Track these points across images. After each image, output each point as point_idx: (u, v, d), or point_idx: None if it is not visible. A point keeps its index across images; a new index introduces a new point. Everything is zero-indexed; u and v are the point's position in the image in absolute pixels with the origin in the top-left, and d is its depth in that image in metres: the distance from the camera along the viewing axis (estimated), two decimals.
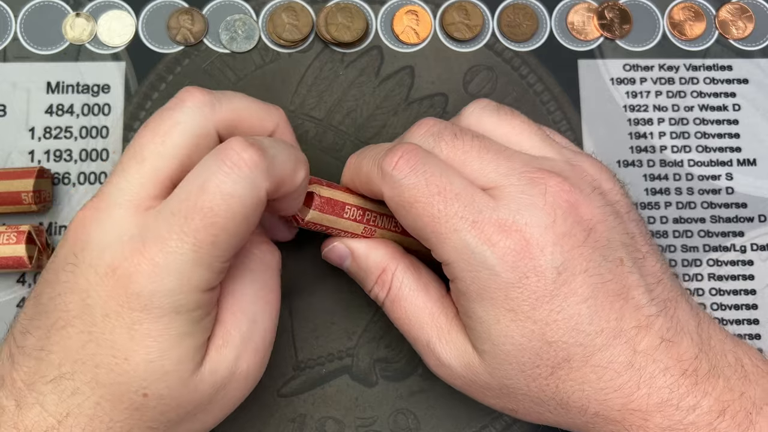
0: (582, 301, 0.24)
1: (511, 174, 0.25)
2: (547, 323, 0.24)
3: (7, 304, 0.31)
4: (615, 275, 0.24)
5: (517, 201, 0.24)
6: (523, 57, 0.34)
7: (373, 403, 0.31)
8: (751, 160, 0.34)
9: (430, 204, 0.24)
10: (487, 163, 0.25)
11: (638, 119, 0.34)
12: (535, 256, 0.23)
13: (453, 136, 0.26)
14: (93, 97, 0.33)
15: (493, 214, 0.24)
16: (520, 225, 0.24)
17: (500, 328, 0.24)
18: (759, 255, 0.33)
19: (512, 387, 0.25)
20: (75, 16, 0.34)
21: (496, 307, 0.24)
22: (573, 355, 0.24)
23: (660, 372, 0.24)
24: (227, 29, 0.34)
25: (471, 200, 0.24)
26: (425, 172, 0.25)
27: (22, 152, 0.32)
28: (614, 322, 0.24)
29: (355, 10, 0.34)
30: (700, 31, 0.35)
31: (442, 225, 0.24)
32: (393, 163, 0.25)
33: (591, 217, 0.24)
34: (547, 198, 0.24)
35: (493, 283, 0.24)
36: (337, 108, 0.33)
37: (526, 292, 0.24)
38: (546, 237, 0.24)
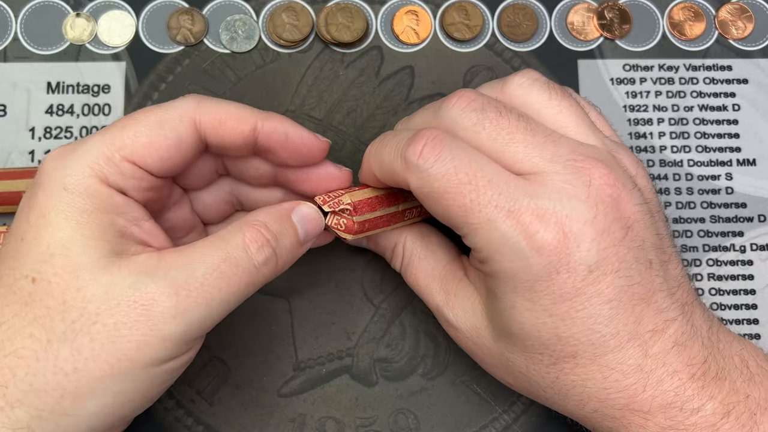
0: (605, 302, 0.23)
1: (556, 161, 0.24)
2: (563, 319, 0.23)
3: None
4: (643, 278, 0.23)
5: (559, 190, 0.23)
6: (523, 57, 0.34)
7: (373, 403, 0.31)
8: (750, 160, 0.34)
9: (461, 194, 0.23)
10: (532, 148, 0.24)
11: (638, 119, 0.34)
12: (570, 251, 0.23)
13: (498, 113, 0.24)
14: (93, 97, 0.33)
15: (531, 203, 0.23)
16: (560, 217, 0.23)
17: (515, 312, 0.24)
18: (759, 255, 0.33)
19: (512, 362, 0.25)
20: (75, 17, 0.34)
21: (516, 295, 0.23)
22: (581, 352, 0.23)
23: (668, 375, 0.23)
24: (227, 29, 0.34)
25: (506, 187, 0.23)
26: (452, 160, 0.23)
27: (22, 152, 0.32)
28: (632, 325, 0.23)
29: (355, 10, 0.34)
30: (699, 31, 0.35)
31: (475, 215, 0.23)
32: (417, 153, 0.23)
33: (630, 215, 0.24)
34: (591, 191, 0.23)
35: (522, 273, 0.23)
36: (337, 108, 0.33)
37: (551, 287, 0.23)
38: (585, 232, 0.23)
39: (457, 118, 0.25)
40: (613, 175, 0.24)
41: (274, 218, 0.25)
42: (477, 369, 0.27)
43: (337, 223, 0.26)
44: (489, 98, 0.25)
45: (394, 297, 0.32)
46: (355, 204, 0.27)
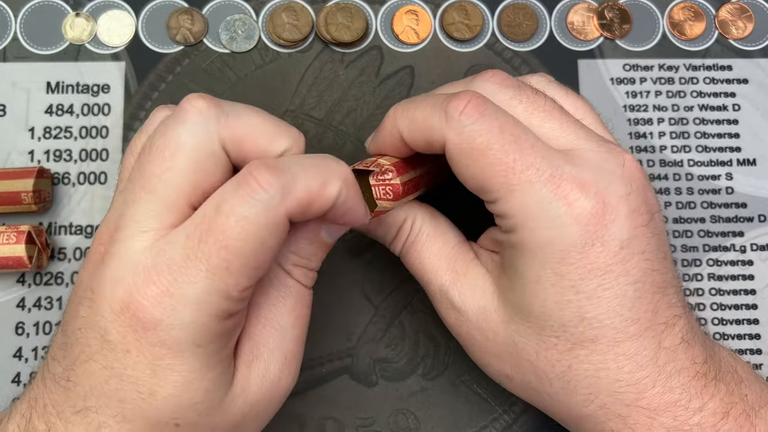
0: (631, 283, 0.23)
1: (590, 139, 0.24)
2: (589, 297, 0.23)
3: (6, 304, 0.31)
4: (662, 267, 0.24)
5: (594, 162, 0.23)
6: (523, 57, 0.34)
7: (373, 403, 0.31)
8: (751, 160, 0.34)
9: (505, 152, 0.23)
10: (567, 126, 0.24)
11: (638, 119, 0.34)
12: (607, 224, 0.22)
13: (533, 92, 0.25)
14: (93, 97, 0.33)
15: (572, 170, 0.23)
16: (600, 188, 0.23)
17: (538, 288, 0.23)
18: (759, 255, 0.33)
19: (521, 348, 0.24)
20: (75, 16, 0.34)
21: (544, 267, 0.23)
22: (602, 336, 0.23)
23: (676, 372, 0.23)
24: (227, 29, 0.34)
25: (548, 153, 0.23)
26: (497, 119, 0.23)
27: (21, 152, 0.32)
28: (650, 313, 0.23)
29: (355, 9, 0.34)
30: (699, 31, 0.35)
31: (516, 175, 0.23)
32: (460, 108, 0.23)
33: (653, 203, 0.24)
34: (625, 170, 0.23)
35: (556, 243, 0.23)
36: (337, 108, 0.33)
37: (584, 260, 0.23)
38: (621, 207, 0.23)
39: (493, 90, 0.25)
40: (638, 163, 0.24)
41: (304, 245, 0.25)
42: (477, 369, 0.27)
43: (385, 193, 0.25)
44: (522, 80, 0.25)
45: (394, 297, 0.32)
46: (394, 164, 0.26)
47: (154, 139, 0.23)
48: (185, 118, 0.22)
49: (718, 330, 0.32)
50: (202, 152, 0.22)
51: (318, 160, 0.22)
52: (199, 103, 0.22)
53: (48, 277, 0.32)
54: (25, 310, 0.31)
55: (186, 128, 0.22)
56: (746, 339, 0.32)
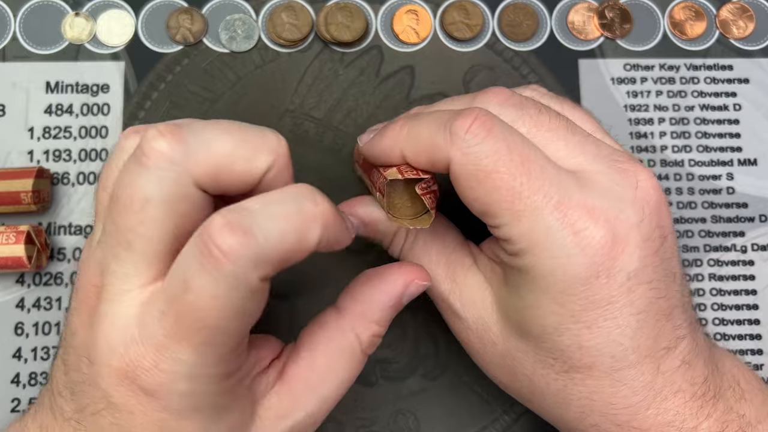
0: (635, 313, 0.22)
1: (600, 160, 0.22)
2: (589, 327, 0.22)
3: (6, 304, 0.31)
4: (668, 292, 0.23)
5: (605, 188, 0.22)
6: (523, 57, 0.34)
7: (373, 404, 0.31)
8: (752, 160, 0.33)
9: (512, 175, 0.21)
10: (573, 146, 0.23)
11: (639, 119, 0.34)
12: (616, 256, 0.21)
13: (537, 110, 0.23)
14: (92, 96, 0.33)
15: (582, 197, 0.21)
16: (610, 216, 0.21)
17: (537, 314, 0.22)
18: (760, 255, 0.33)
19: (518, 362, 0.24)
20: (74, 16, 0.34)
21: (546, 295, 0.22)
22: (599, 364, 0.22)
23: (672, 394, 0.23)
24: (227, 29, 0.34)
25: (557, 177, 0.22)
26: (505, 139, 0.22)
27: (21, 152, 0.32)
28: (651, 340, 0.22)
29: (355, 9, 0.34)
30: (700, 31, 0.35)
31: (522, 201, 0.21)
32: (466, 126, 0.22)
33: (666, 224, 0.23)
34: (638, 193, 0.22)
35: (560, 273, 0.21)
36: (337, 108, 0.33)
37: (586, 292, 0.21)
38: (632, 237, 0.21)
39: (495, 111, 0.23)
40: (655, 180, 0.23)
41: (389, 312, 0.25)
42: (478, 370, 0.27)
43: (432, 202, 0.24)
44: (524, 97, 0.24)
45: None
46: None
47: (120, 189, 0.21)
48: (148, 165, 0.20)
49: (718, 330, 0.32)
50: (174, 199, 0.20)
51: (290, 205, 0.20)
52: (160, 145, 0.20)
53: (47, 277, 0.31)
54: (25, 311, 0.31)
55: (151, 178, 0.20)
56: (747, 339, 0.32)
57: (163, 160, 0.20)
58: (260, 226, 0.19)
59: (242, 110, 0.33)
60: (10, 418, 0.30)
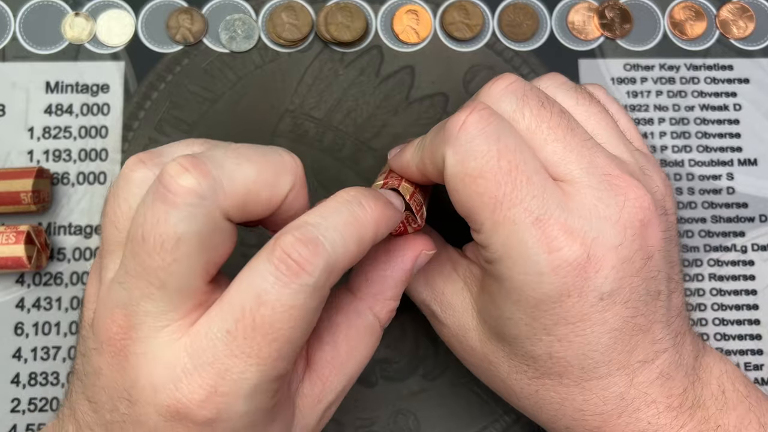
0: (607, 332, 0.22)
1: (592, 172, 0.22)
2: (560, 340, 0.22)
3: (6, 304, 0.31)
4: (648, 309, 0.22)
5: (590, 208, 0.21)
6: (523, 57, 0.34)
7: (373, 404, 0.31)
8: (752, 160, 0.33)
9: (497, 183, 0.21)
10: (570, 151, 0.22)
11: (639, 119, 0.34)
12: (588, 276, 0.21)
13: (540, 103, 0.22)
14: (92, 96, 0.33)
15: (562, 216, 0.21)
16: (587, 238, 0.21)
17: (510, 323, 0.23)
18: (760, 255, 0.33)
19: (494, 366, 0.25)
20: (74, 16, 0.34)
21: (518, 308, 0.22)
22: (569, 374, 0.23)
23: (645, 405, 0.23)
24: (227, 29, 0.34)
25: (542, 191, 0.21)
26: (498, 140, 0.21)
27: (21, 152, 0.32)
28: (625, 354, 0.22)
29: (355, 9, 0.34)
30: (700, 31, 0.35)
31: (502, 212, 0.21)
32: (459, 122, 0.21)
33: (653, 244, 0.22)
34: (623, 213, 0.22)
35: (531, 290, 0.21)
36: (337, 108, 0.33)
37: (557, 309, 0.22)
38: (607, 259, 0.21)
39: (496, 98, 0.23)
40: (647, 198, 0.22)
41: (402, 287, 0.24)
42: None
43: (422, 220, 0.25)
44: (533, 85, 0.23)
45: None
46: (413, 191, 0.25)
47: (146, 229, 0.20)
48: (176, 203, 0.19)
49: (718, 330, 0.32)
50: (207, 235, 0.20)
51: (347, 215, 0.20)
52: (188, 182, 0.19)
53: (47, 277, 0.31)
54: (25, 311, 0.31)
55: (182, 216, 0.19)
56: (747, 339, 0.32)
57: (193, 197, 0.19)
58: (326, 237, 0.19)
59: (242, 110, 0.33)
60: (9, 418, 0.30)
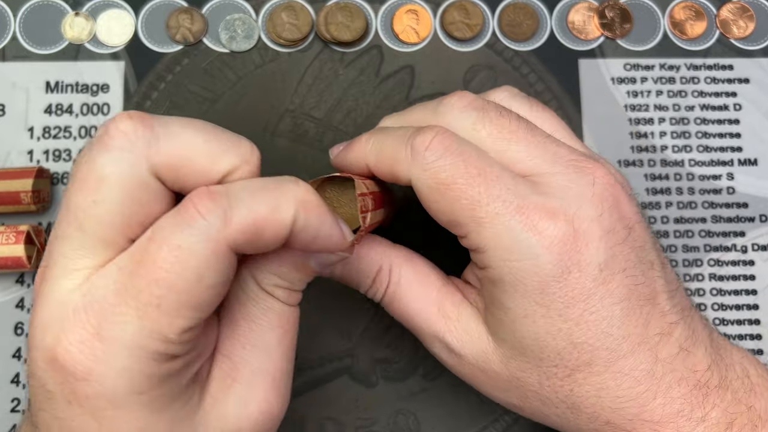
0: (616, 303, 0.23)
1: (558, 161, 0.24)
2: (578, 323, 0.23)
3: (5, 304, 0.31)
4: (647, 278, 0.23)
5: (564, 189, 0.23)
6: (523, 56, 0.34)
7: (374, 404, 0.31)
8: (752, 160, 0.33)
9: (470, 185, 0.22)
10: (534, 148, 0.24)
11: (639, 119, 0.34)
12: (581, 249, 0.22)
13: (498, 113, 0.24)
14: (92, 96, 0.33)
15: (539, 200, 0.23)
16: (569, 214, 0.22)
17: (527, 322, 0.23)
18: (760, 255, 0.33)
19: (523, 381, 0.24)
20: (74, 16, 0.34)
21: (528, 300, 0.23)
22: (596, 359, 0.23)
23: (676, 382, 0.23)
24: (227, 28, 0.34)
25: (513, 184, 0.23)
26: (462, 154, 0.23)
27: (21, 152, 0.32)
28: (641, 327, 0.23)
29: (355, 9, 0.34)
30: (701, 31, 0.35)
31: (483, 208, 0.22)
32: (426, 143, 0.23)
33: (630, 216, 0.24)
34: (595, 189, 0.23)
35: (532, 274, 0.22)
36: (337, 108, 0.33)
37: (564, 288, 0.22)
38: (593, 230, 0.22)
39: (457, 116, 0.24)
40: (612, 177, 0.24)
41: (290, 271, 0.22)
42: None
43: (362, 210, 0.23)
44: (489, 100, 0.25)
45: None
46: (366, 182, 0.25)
47: (78, 166, 0.20)
48: (109, 144, 0.19)
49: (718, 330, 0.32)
50: (131, 183, 0.19)
51: (270, 183, 0.20)
52: (125, 126, 0.19)
53: None
54: (24, 311, 0.31)
55: (110, 156, 0.19)
56: (747, 339, 0.32)
57: (127, 141, 0.19)
58: (236, 194, 0.19)
59: (242, 110, 0.33)
60: (10, 418, 0.30)
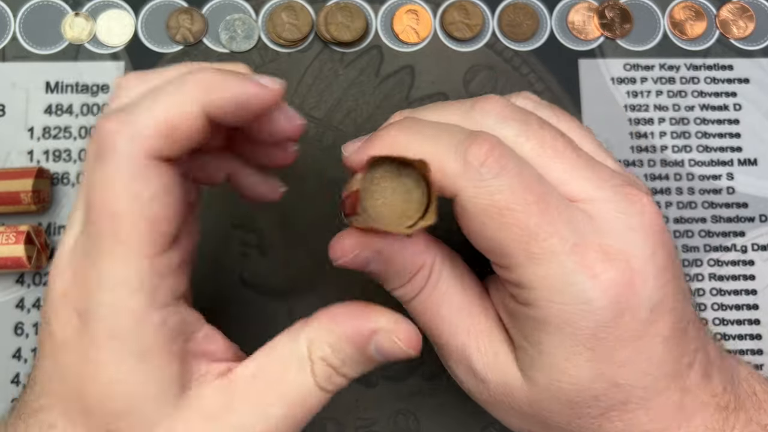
0: (661, 342, 0.21)
1: (604, 186, 0.21)
2: (623, 365, 0.21)
3: (5, 304, 0.31)
4: (684, 311, 0.22)
5: (616, 222, 0.21)
6: (523, 56, 0.34)
7: (374, 404, 0.31)
8: (752, 160, 0.33)
9: (527, 214, 0.20)
10: (578, 169, 0.21)
11: (639, 119, 0.34)
12: (636, 292, 0.20)
13: (539, 125, 0.22)
14: (92, 96, 0.33)
15: (596, 237, 0.20)
16: (627, 254, 0.20)
17: (568, 366, 0.21)
18: (760, 255, 0.33)
19: (550, 419, 0.22)
20: (74, 16, 0.34)
21: (575, 344, 0.21)
22: (632, 397, 0.22)
23: (699, 409, 0.22)
24: (227, 29, 0.34)
25: (571, 216, 0.20)
26: (520, 174, 0.20)
27: (21, 152, 0.32)
28: (676, 362, 0.22)
29: (355, 9, 0.34)
30: (700, 31, 0.35)
31: (538, 243, 0.20)
32: (481, 157, 0.20)
33: (671, 244, 0.22)
34: (645, 221, 0.21)
35: (583, 319, 0.20)
36: (337, 108, 0.33)
37: (615, 332, 0.21)
38: (648, 270, 0.21)
39: (496, 125, 0.22)
40: (654, 204, 0.22)
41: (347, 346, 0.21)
42: None
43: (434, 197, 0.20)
44: (525, 110, 0.23)
45: (394, 297, 0.32)
46: None
47: None
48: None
49: (719, 330, 0.32)
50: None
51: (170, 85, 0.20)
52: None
53: (47, 277, 0.31)
54: (24, 311, 0.31)
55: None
56: (747, 339, 0.32)
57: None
58: (138, 105, 0.19)
59: None
60: None
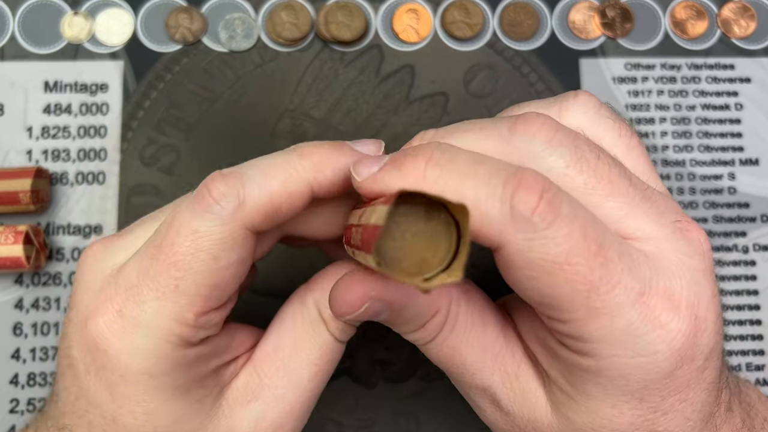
0: (706, 389, 0.20)
1: (662, 222, 0.20)
2: (666, 413, 0.20)
3: (4, 304, 0.31)
4: (721, 350, 0.21)
5: (677, 263, 0.19)
6: (524, 56, 0.34)
7: (374, 405, 0.31)
8: (753, 160, 0.33)
9: (590, 268, 0.18)
10: (636, 205, 0.19)
11: (640, 118, 0.34)
12: (698, 340, 0.19)
13: (595, 155, 0.19)
14: (91, 96, 0.33)
15: (659, 283, 0.19)
16: (690, 300, 0.19)
17: (612, 412, 0.20)
18: (761, 255, 0.33)
19: None
20: (73, 15, 0.33)
21: (624, 393, 0.19)
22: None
23: None
24: (226, 28, 0.34)
25: (633, 262, 0.18)
26: (576, 219, 0.18)
27: (19, 152, 0.32)
28: (713, 406, 0.21)
29: (355, 8, 0.34)
30: (702, 30, 0.35)
31: (601, 297, 0.18)
32: (532, 204, 0.17)
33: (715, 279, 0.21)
34: (705, 260, 0.20)
35: (644, 371, 0.19)
36: (337, 107, 0.33)
37: (668, 383, 0.19)
38: (710, 316, 0.19)
39: (542, 152, 0.19)
40: (708, 238, 0.20)
41: None
42: None
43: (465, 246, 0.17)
44: (574, 131, 0.20)
45: None
46: None
47: None
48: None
49: None
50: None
51: (275, 158, 0.20)
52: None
53: (46, 277, 0.31)
54: (23, 311, 0.31)
55: None
56: (748, 340, 0.32)
57: None
58: (245, 173, 0.20)
59: (242, 110, 0.33)
60: (8, 419, 0.30)
